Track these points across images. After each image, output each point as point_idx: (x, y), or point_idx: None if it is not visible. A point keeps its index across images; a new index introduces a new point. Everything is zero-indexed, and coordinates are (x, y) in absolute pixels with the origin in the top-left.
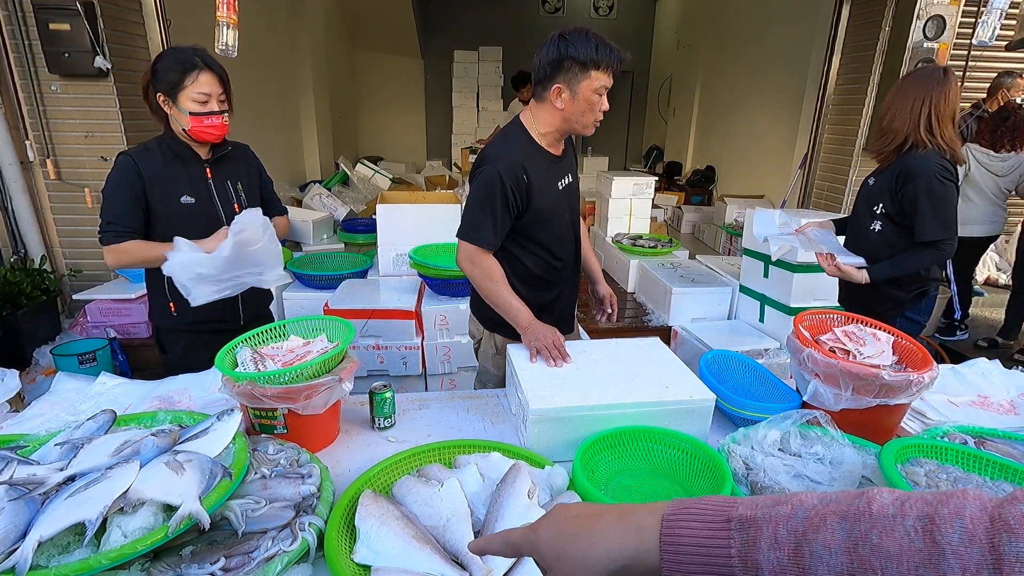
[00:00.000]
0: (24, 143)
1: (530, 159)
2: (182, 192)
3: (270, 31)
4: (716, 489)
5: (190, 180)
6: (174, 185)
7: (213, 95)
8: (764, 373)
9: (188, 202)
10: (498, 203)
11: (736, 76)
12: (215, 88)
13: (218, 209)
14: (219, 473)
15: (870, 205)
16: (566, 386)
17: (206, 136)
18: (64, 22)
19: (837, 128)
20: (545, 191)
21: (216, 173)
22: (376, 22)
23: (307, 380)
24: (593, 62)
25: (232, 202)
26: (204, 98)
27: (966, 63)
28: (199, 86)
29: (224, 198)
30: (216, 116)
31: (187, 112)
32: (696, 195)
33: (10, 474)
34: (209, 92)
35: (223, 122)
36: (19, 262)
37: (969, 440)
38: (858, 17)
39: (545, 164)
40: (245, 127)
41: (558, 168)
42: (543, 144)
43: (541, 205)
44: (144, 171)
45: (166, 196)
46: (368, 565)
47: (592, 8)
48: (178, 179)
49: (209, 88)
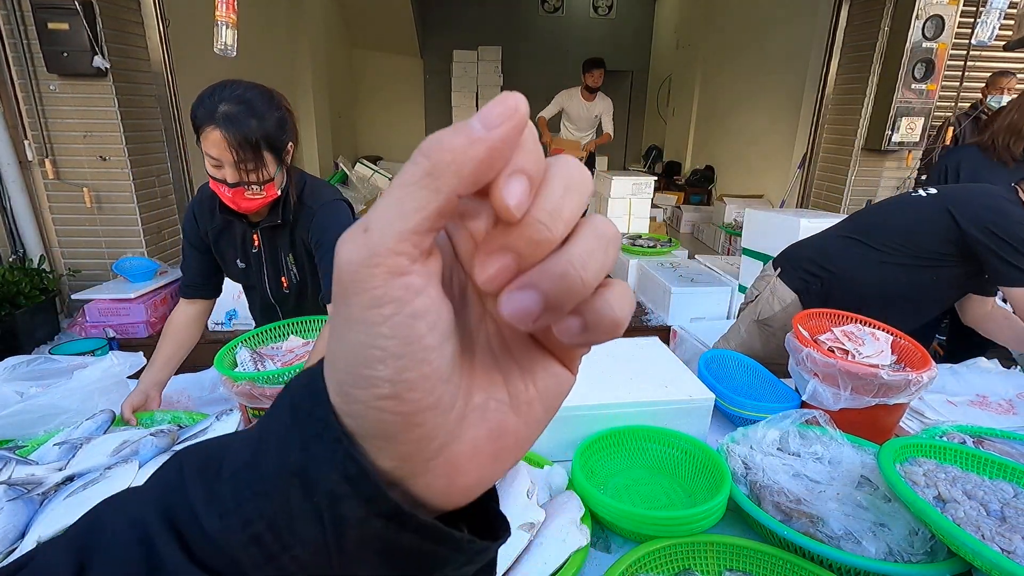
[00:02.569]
0: (23, 143)
1: None
2: (235, 255)
3: (269, 30)
4: (715, 489)
5: (242, 245)
6: (228, 245)
7: (224, 162)
8: (763, 373)
9: (241, 267)
10: None
11: (735, 76)
12: (225, 154)
13: (264, 283)
14: None
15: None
16: None
17: (228, 204)
18: (63, 22)
19: (836, 128)
20: None
21: (265, 241)
22: (375, 21)
23: None
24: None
25: (280, 275)
26: (214, 161)
27: (964, 63)
28: (208, 145)
29: (272, 271)
30: (227, 187)
31: (207, 169)
32: (695, 195)
33: (9, 474)
34: (217, 157)
35: (247, 196)
36: (18, 262)
37: (968, 440)
38: (857, 17)
39: None
40: None
41: None
42: None
43: None
44: (202, 222)
45: (222, 255)
46: None
47: (591, 8)
48: (231, 239)
49: (216, 152)
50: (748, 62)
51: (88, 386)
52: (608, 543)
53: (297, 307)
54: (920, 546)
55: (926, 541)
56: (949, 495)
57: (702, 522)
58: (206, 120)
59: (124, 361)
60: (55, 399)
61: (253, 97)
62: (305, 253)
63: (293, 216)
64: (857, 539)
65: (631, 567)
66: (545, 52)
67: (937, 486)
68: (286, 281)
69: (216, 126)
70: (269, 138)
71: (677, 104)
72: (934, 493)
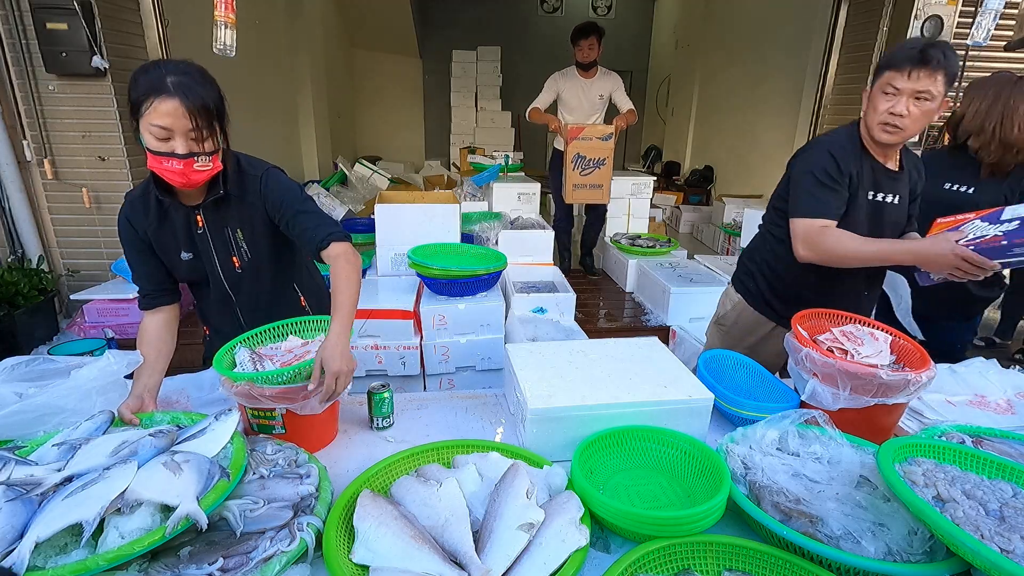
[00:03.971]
0: (21, 143)
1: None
2: (179, 247)
3: (268, 30)
4: (715, 488)
5: (185, 231)
6: (170, 239)
7: (177, 131)
8: (762, 373)
9: (187, 258)
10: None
11: (735, 76)
12: (180, 122)
13: (215, 265)
14: (217, 473)
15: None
16: (564, 386)
17: (170, 181)
18: (61, 22)
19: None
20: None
21: (210, 220)
22: (374, 21)
23: (305, 380)
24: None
25: (231, 254)
26: (162, 133)
27: (963, 63)
28: (156, 116)
29: (222, 250)
30: (177, 159)
31: (145, 147)
32: (694, 195)
33: (7, 474)
34: (169, 127)
35: (196, 168)
36: (16, 262)
37: (967, 439)
38: (856, 17)
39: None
40: (243, 127)
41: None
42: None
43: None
44: (137, 225)
45: (166, 252)
46: (366, 565)
47: (591, 8)
48: (174, 231)
49: (169, 121)
50: (747, 62)
51: (85, 385)
52: (607, 543)
53: (253, 295)
54: (919, 546)
55: (925, 541)
56: (948, 495)
57: (701, 522)
58: (154, 91)
59: (121, 360)
60: (52, 399)
61: (195, 70)
62: (261, 222)
63: (238, 187)
64: (856, 539)
65: (630, 567)
66: (544, 52)
67: (936, 486)
68: (237, 260)
69: (168, 95)
70: (218, 107)
71: (676, 104)
72: (933, 493)
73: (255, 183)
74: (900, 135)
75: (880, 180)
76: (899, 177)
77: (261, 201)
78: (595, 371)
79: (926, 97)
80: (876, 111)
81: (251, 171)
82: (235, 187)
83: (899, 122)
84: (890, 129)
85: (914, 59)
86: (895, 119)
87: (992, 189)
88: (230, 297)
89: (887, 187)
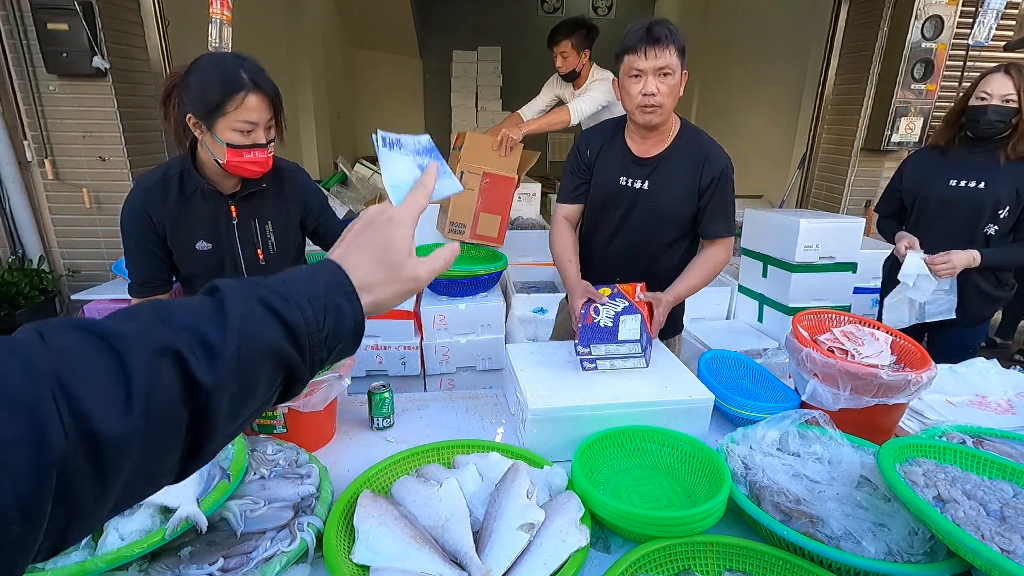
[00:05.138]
0: (22, 143)
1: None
2: (198, 236)
3: (268, 29)
4: (715, 488)
5: (212, 221)
6: (189, 228)
7: (260, 123)
8: (763, 373)
9: (204, 248)
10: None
11: (735, 76)
12: (264, 114)
13: (237, 254)
14: (217, 474)
15: (988, 209)
16: (565, 386)
17: (245, 173)
18: (62, 22)
19: (835, 128)
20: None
21: (243, 211)
22: (375, 21)
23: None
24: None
25: (256, 247)
26: (249, 127)
27: (964, 63)
28: (244, 112)
29: (247, 241)
30: (260, 150)
31: (225, 143)
32: None
33: None
34: (256, 120)
35: (268, 155)
36: (17, 262)
37: (967, 440)
38: (857, 17)
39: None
40: None
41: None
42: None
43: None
44: (154, 212)
45: (180, 242)
46: (367, 565)
47: (591, 8)
48: (196, 220)
49: (257, 115)
50: (747, 62)
51: None
52: (608, 543)
53: None
54: (920, 546)
55: (926, 541)
56: (949, 495)
57: (702, 522)
58: (237, 88)
59: None
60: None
61: (253, 60)
62: (294, 216)
63: (273, 181)
64: (857, 539)
65: (631, 567)
66: (544, 52)
67: (937, 486)
68: (262, 253)
69: (253, 90)
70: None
71: (676, 104)
72: (934, 493)
73: (292, 178)
74: (659, 112)
75: (628, 166)
76: (647, 163)
77: (297, 196)
78: (595, 371)
79: (668, 72)
80: (630, 96)
81: (285, 166)
82: (271, 180)
83: (653, 100)
84: (648, 109)
85: (644, 38)
86: (649, 99)
87: (1007, 183)
88: None
89: (635, 172)
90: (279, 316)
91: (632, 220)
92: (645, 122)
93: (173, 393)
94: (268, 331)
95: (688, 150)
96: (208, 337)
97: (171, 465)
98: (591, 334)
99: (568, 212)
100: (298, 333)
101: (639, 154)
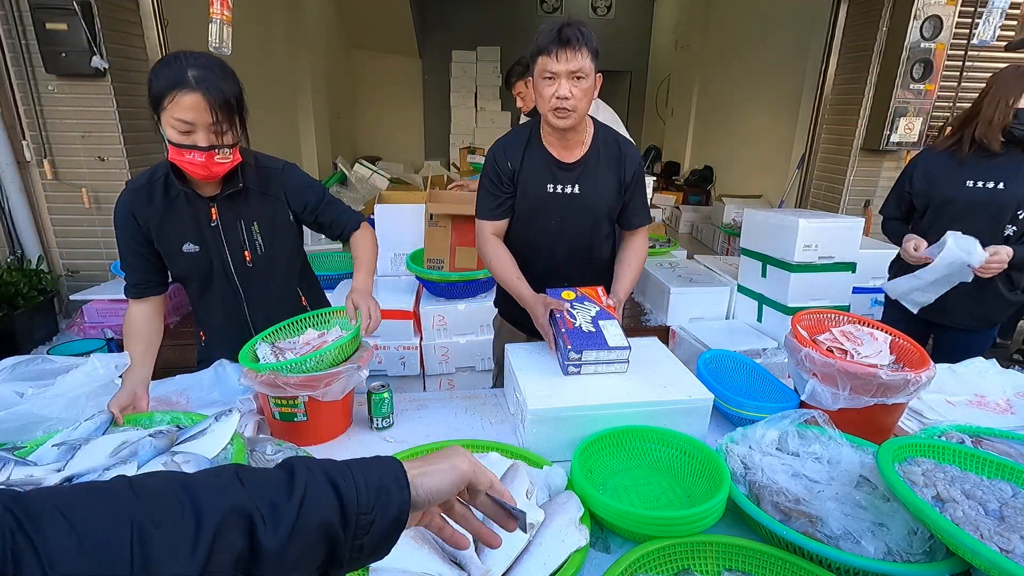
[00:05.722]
0: (21, 143)
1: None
2: (184, 239)
3: (268, 29)
4: (714, 488)
5: (194, 223)
6: (175, 230)
7: (199, 125)
8: (762, 373)
9: (191, 251)
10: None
11: (734, 76)
12: (202, 116)
13: (225, 258)
14: None
15: (1010, 210)
16: (564, 386)
17: (191, 173)
18: (61, 22)
19: (835, 128)
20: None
21: (225, 213)
22: (374, 21)
23: (328, 367)
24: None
25: (243, 248)
26: (184, 127)
27: (963, 64)
28: (179, 110)
29: (233, 243)
30: (200, 152)
31: (167, 140)
32: (694, 195)
33: (7, 475)
34: (192, 121)
35: (217, 160)
36: (16, 262)
37: (966, 439)
38: (856, 17)
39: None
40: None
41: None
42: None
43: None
44: (139, 214)
45: (167, 244)
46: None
47: (590, 8)
48: (180, 222)
49: (192, 115)
50: (747, 62)
51: (70, 392)
52: (607, 543)
53: (262, 291)
54: (919, 546)
55: (925, 541)
56: (948, 495)
57: (701, 522)
58: (176, 85)
59: (108, 363)
60: (36, 408)
61: (217, 63)
62: (281, 215)
63: (257, 181)
64: (856, 539)
65: (630, 567)
66: None
67: (936, 486)
68: (250, 255)
69: (190, 89)
70: (239, 100)
71: (676, 104)
72: (933, 493)
73: (277, 176)
74: (572, 116)
75: (555, 172)
76: (573, 168)
77: (283, 194)
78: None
79: (580, 75)
80: (544, 99)
81: (271, 165)
82: (253, 181)
83: (567, 104)
84: (561, 113)
85: (555, 40)
86: (562, 102)
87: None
88: (238, 293)
89: (562, 178)
90: (336, 488)
91: (570, 225)
92: (558, 125)
93: (237, 553)
94: (324, 502)
95: (607, 149)
96: (277, 503)
97: None
98: (581, 340)
99: (496, 228)
100: (348, 508)
101: (563, 159)
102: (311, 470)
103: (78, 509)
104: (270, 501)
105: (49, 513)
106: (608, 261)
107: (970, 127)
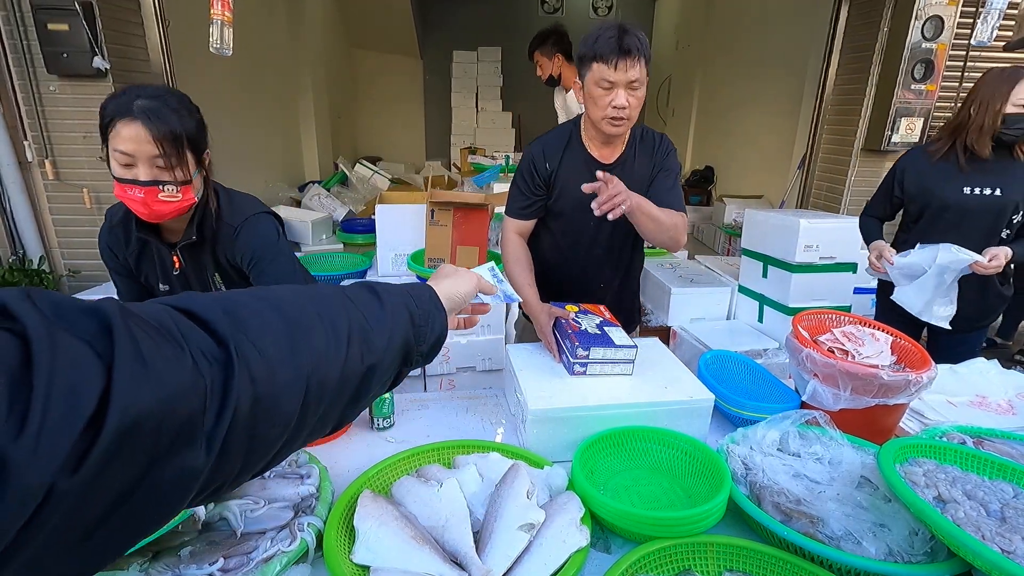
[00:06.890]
0: (22, 143)
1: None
2: (156, 279)
3: (268, 29)
4: (715, 489)
5: (162, 268)
6: (149, 269)
7: (139, 157)
8: (763, 373)
9: (164, 290)
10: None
11: (735, 77)
12: (142, 148)
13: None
14: None
15: (1007, 215)
16: (565, 386)
17: (134, 211)
18: (62, 22)
19: (836, 128)
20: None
21: (188, 260)
22: (375, 21)
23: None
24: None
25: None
26: (125, 159)
27: (964, 64)
28: (118, 140)
29: (199, 289)
30: (139, 188)
31: (112, 174)
32: (695, 195)
33: None
34: (131, 152)
35: (162, 198)
36: (17, 263)
37: (968, 440)
38: (857, 18)
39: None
40: (242, 128)
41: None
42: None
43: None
44: (118, 252)
45: (145, 280)
46: (367, 565)
47: (591, 8)
48: (152, 264)
49: (132, 146)
50: (748, 63)
51: None
52: (608, 544)
53: None
54: (920, 546)
55: (926, 541)
56: (949, 495)
57: (702, 523)
58: (120, 113)
59: None
60: None
61: (171, 95)
62: (234, 271)
63: (214, 233)
64: (857, 539)
65: (631, 568)
66: None
67: (937, 486)
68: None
69: (133, 118)
70: (191, 136)
71: (677, 105)
72: (934, 493)
73: (228, 237)
74: (626, 125)
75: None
76: (613, 167)
77: (234, 252)
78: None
79: (637, 84)
80: (598, 106)
81: (229, 219)
82: (210, 234)
83: (623, 113)
84: (617, 122)
85: (616, 50)
86: (619, 111)
87: (1022, 187)
88: None
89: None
90: (410, 311)
91: (608, 223)
92: (613, 132)
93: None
94: (405, 318)
95: (643, 143)
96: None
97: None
98: (588, 339)
99: (521, 228)
100: (417, 322)
101: (603, 159)
102: (391, 292)
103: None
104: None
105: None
106: (637, 267)
107: (961, 135)
